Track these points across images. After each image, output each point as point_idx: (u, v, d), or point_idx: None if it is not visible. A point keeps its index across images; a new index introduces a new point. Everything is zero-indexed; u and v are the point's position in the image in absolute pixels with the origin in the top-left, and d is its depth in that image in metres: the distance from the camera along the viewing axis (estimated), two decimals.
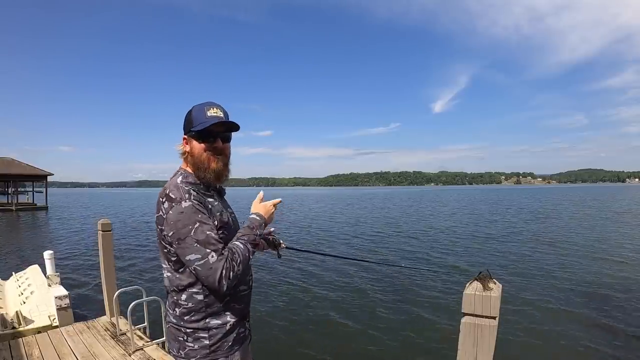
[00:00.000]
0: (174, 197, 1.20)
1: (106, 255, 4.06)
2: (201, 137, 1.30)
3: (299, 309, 5.99)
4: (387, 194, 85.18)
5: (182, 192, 1.22)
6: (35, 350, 3.25)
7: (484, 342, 1.32)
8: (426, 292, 6.76)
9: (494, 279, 1.41)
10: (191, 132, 1.30)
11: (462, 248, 11.29)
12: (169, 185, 1.26)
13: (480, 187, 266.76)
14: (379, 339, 4.84)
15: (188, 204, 1.19)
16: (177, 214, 1.18)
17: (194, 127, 1.29)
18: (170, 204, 1.20)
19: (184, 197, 1.20)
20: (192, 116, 1.30)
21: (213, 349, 1.27)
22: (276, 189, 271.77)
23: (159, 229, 1.24)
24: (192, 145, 1.31)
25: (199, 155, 1.30)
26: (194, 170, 1.32)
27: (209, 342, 1.27)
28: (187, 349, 1.27)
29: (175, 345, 1.30)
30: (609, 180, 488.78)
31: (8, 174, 29.53)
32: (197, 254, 1.15)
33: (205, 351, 1.26)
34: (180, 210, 1.18)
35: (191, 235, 1.16)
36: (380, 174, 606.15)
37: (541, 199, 44.96)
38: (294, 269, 8.58)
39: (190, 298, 1.26)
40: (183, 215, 1.17)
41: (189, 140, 1.32)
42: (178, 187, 1.24)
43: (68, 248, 11.91)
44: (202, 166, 1.30)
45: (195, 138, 1.30)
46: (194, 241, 1.16)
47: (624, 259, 9.28)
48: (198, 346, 1.26)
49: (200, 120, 1.28)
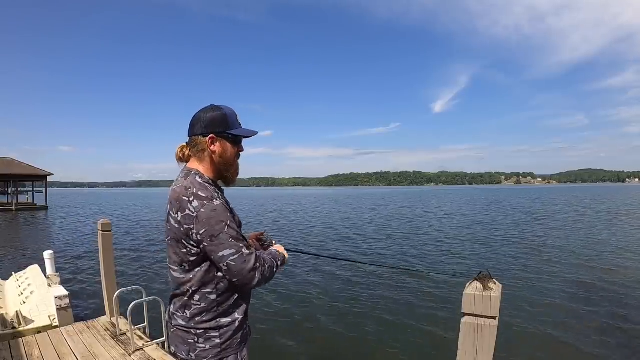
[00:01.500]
0: (205, 195, 1.21)
1: (106, 255, 4.06)
2: (236, 142, 1.35)
3: (296, 307, 5.99)
4: (386, 194, 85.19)
5: (211, 190, 1.25)
6: (35, 350, 3.25)
7: (484, 342, 1.32)
8: (426, 291, 6.76)
9: (494, 279, 1.41)
10: (227, 134, 1.31)
11: (462, 248, 11.29)
12: (191, 184, 1.24)
13: (480, 187, 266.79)
14: (378, 339, 4.84)
15: (219, 202, 1.22)
16: (210, 212, 1.19)
17: (231, 130, 1.32)
18: (202, 202, 1.20)
19: (214, 196, 1.23)
20: (228, 119, 1.31)
21: (224, 347, 1.29)
22: (276, 189, 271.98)
23: (184, 228, 1.21)
24: (224, 147, 1.32)
25: (231, 157, 1.34)
26: (218, 170, 1.35)
27: (220, 341, 1.28)
28: (198, 350, 1.27)
29: (185, 348, 1.29)
30: (609, 180, 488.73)
31: (8, 174, 29.53)
32: (232, 249, 1.19)
33: (217, 350, 1.28)
34: (213, 208, 1.20)
35: (225, 231, 1.19)
36: (380, 174, 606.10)
37: (541, 199, 44.96)
38: (290, 267, 8.58)
39: (203, 298, 1.27)
40: (216, 213, 1.20)
41: (221, 141, 1.31)
42: (205, 186, 1.25)
43: (68, 248, 11.91)
44: (230, 168, 1.36)
45: (229, 141, 1.33)
46: (228, 237, 1.19)
47: (624, 259, 9.28)
48: (209, 346, 1.27)
49: (236, 126, 1.34)
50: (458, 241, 12.57)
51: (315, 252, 10.59)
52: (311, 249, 11.33)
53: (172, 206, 1.25)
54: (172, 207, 1.25)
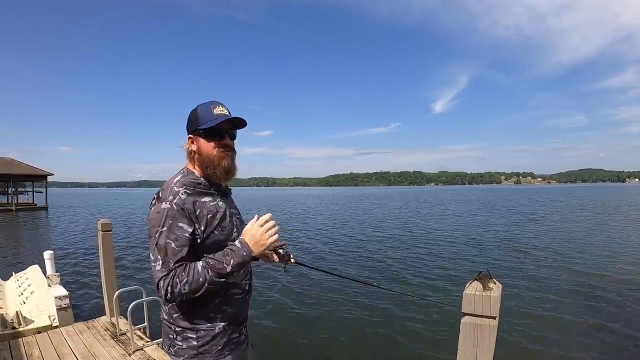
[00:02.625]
0: (160, 196, 1.23)
1: (106, 255, 4.06)
2: (209, 135, 1.29)
3: (296, 307, 5.99)
4: (386, 193, 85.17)
5: (169, 192, 1.21)
6: (35, 351, 3.25)
7: (484, 342, 1.32)
8: (426, 291, 6.76)
9: (494, 279, 1.41)
10: (198, 130, 1.28)
11: (462, 248, 11.29)
12: (165, 184, 1.28)
13: (480, 187, 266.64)
14: (377, 339, 4.84)
15: (167, 206, 1.18)
16: (154, 213, 1.20)
17: (201, 125, 1.27)
18: (154, 203, 1.23)
19: (167, 199, 1.20)
20: (198, 115, 1.29)
21: (201, 350, 1.26)
22: (276, 189, 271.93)
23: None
24: (199, 143, 1.30)
25: (208, 153, 1.29)
26: (203, 168, 1.31)
27: (196, 344, 1.25)
28: (176, 347, 1.27)
29: (167, 342, 1.31)
30: (609, 180, 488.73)
31: (8, 174, 29.53)
32: (152, 256, 1.19)
33: (193, 352, 1.25)
34: (158, 210, 1.20)
35: (155, 236, 1.18)
36: (380, 174, 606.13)
37: (541, 199, 44.96)
38: (291, 269, 8.59)
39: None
40: (157, 215, 1.19)
41: (196, 139, 1.30)
42: (169, 186, 1.24)
43: (68, 248, 11.90)
44: (211, 164, 1.29)
45: (202, 136, 1.29)
46: (154, 242, 1.18)
47: (624, 259, 9.27)
48: (186, 346, 1.26)
49: (207, 118, 1.27)
50: (458, 241, 12.57)
51: (326, 269, 10.60)
52: (310, 254, 11.34)
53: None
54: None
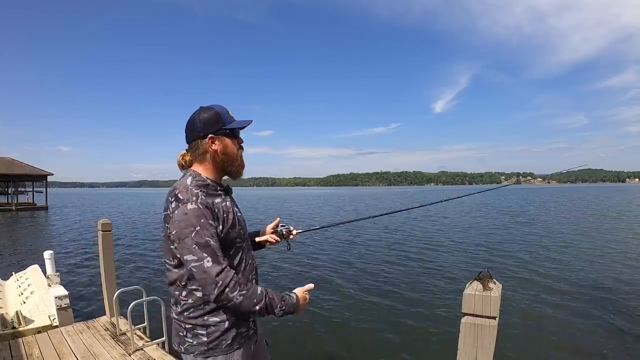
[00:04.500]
0: (182, 198, 1.23)
1: (106, 255, 4.06)
2: (234, 135, 1.37)
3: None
4: (386, 193, 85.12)
5: (190, 194, 1.24)
6: (35, 350, 3.25)
7: (483, 342, 1.32)
8: (426, 291, 6.76)
9: (494, 279, 1.41)
10: (224, 130, 1.33)
11: (462, 248, 11.29)
12: (179, 185, 1.29)
13: (479, 187, 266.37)
14: (377, 339, 4.83)
15: (194, 207, 1.21)
16: (182, 215, 1.21)
17: (226, 125, 1.33)
18: (177, 204, 1.23)
19: (190, 199, 1.23)
20: (222, 115, 1.33)
21: (211, 346, 1.29)
22: (276, 189, 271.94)
23: (165, 226, 1.27)
24: (224, 142, 1.34)
25: (234, 152, 1.36)
26: (221, 167, 1.37)
27: (206, 339, 1.29)
28: (187, 344, 1.31)
29: (177, 339, 1.35)
30: (609, 180, 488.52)
31: (8, 174, 29.52)
32: (194, 256, 1.18)
33: (203, 348, 1.29)
34: (185, 212, 1.21)
35: (191, 236, 1.19)
36: (380, 174, 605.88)
37: (541, 199, 44.95)
38: (291, 267, 8.59)
39: (190, 294, 1.29)
40: (186, 217, 1.20)
41: (220, 138, 1.33)
42: (187, 188, 1.26)
43: (68, 248, 11.91)
44: (235, 162, 1.37)
45: (228, 136, 1.35)
46: (193, 242, 1.18)
47: (625, 259, 9.27)
48: (196, 342, 1.29)
49: (230, 119, 1.35)
50: (458, 241, 12.57)
51: (325, 225, 10.59)
52: (310, 247, 11.33)
53: (165, 204, 1.30)
54: (165, 205, 1.30)
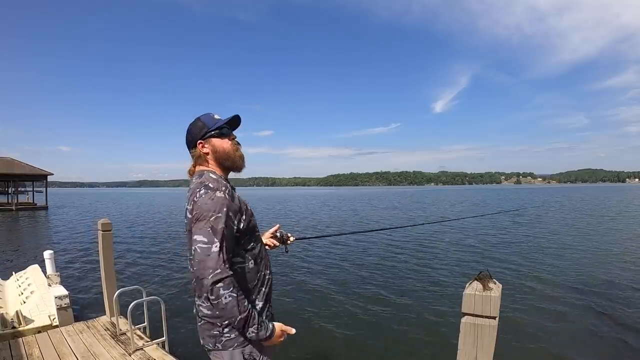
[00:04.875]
0: (212, 186, 1.29)
1: (106, 255, 4.06)
2: (222, 134, 1.42)
3: (294, 307, 5.99)
4: (386, 193, 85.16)
5: (220, 184, 1.31)
6: (35, 350, 3.25)
7: (483, 342, 1.32)
8: (426, 291, 6.76)
9: (494, 279, 1.41)
10: (209, 133, 1.41)
11: (462, 248, 11.29)
12: (205, 179, 1.33)
13: (479, 187, 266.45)
14: (377, 339, 4.83)
15: (222, 195, 1.27)
16: (207, 199, 1.25)
17: (211, 129, 1.41)
18: (206, 191, 1.27)
19: (220, 188, 1.29)
20: (204, 122, 1.42)
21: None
22: (276, 189, 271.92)
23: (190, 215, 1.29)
24: (213, 144, 1.41)
25: (224, 147, 1.42)
26: (220, 164, 1.43)
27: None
28: (224, 340, 1.33)
29: (211, 340, 1.36)
30: (609, 180, 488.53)
31: (8, 174, 29.52)
32: (205, 237, 1.20)
33: (242, 338, 1.33)
34: (212, 197, 1.25)
35: (208, 219, 1.21)
36: (380, 174, 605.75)
37: (541, 199, 44.95)
38: (285, 271, 8.59)
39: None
40: (212, 202, 1.24)
41: (207, 141, 1.42)
42: (216, 180, 1.33)
43: (68, 248, 11.90)
44: (230, 156, 1.42)
45: (214, 137, 1.41)
46: (208, 226, 1.21)
47: (625, 259, 9.27)
48: (234, 335, 1.33)
49: (213, 122, 1.42)
50: (457, 241, 12.56)
51: (324, 234, 10.59)
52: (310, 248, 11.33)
53: (187, 200, 1.33)
54: (187, 201, 1.33)
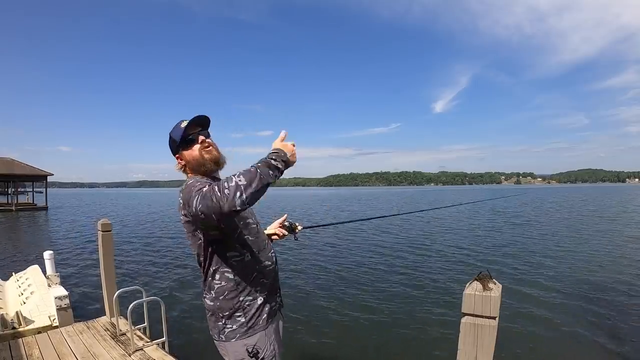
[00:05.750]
0: (189, 182, 1.34)
1: (106, 255, 4.06)
2: (187, 145, 1.45)
3: (290, 309, 5.99)
4: (386, 193, 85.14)
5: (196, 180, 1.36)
6: (35, 351, 3.25)
7: (483, 342, 1.32)
8: (426, 291, 6.76)
9: (493, 279, 1.41)
10: (178, 148, 1.47)
11: (462, 248, 11.29)
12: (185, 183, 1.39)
13: (479, 187, 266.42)
14: (377, 339, 4.83)
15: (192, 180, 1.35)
16: (187, 188, 1.30)
17: (178, 142, 1.45)
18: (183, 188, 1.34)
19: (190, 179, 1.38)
20: (172, 136, 1.47)
21: (250, 324, 1.39)
22: (276, 189, 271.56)
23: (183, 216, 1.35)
24: (183, 156, 1.47)
25: (193, 156, 1.45)
26: (197, 171, 1.47)
27: (245, 320, 1.38)
28: (227, 331, 1.39)
29: (216, 331, 1.42)
30: (609, 180, 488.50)
31: (8, 174, 29.52)
32: (195, 197, 1.17)
33: (243, 329, 1.38)
34: (188, 183, 1.32)
35: (194, 191, 1.21)
36: (380, 174, 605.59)
37: (541, 199, 44.96)
38: (288, 267, 8.59)
39: (223, 278, 1.38)
40: (189, 185, 1.29)
41: (180, 154, 1.48)
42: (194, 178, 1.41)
43: (68, 248, 11.90)
44: (200, 162, 1.45)
45: (183, 149, 1.46)
46: (196, 195, 1.17)
47: (625, 259, 9.28)
48: (236, 326, 1.38)
49: (179, 134, 1.45)
50: (457, 241, 12.57)
51: (330, 222, 10.60)
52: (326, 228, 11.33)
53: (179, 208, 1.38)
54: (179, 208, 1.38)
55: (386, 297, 6.48)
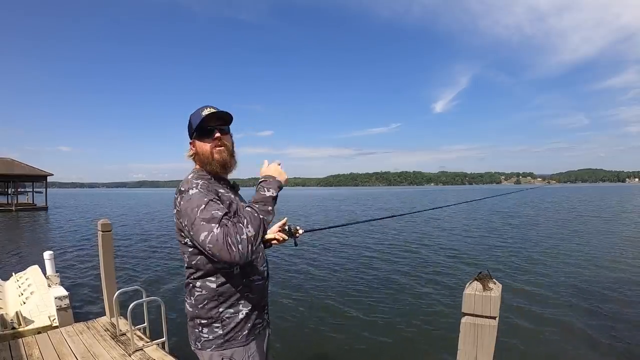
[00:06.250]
0: (184, 189, 1.29)
1: (106, 255, 4.06)
2: (202, 135, 1.41)
3: (292, 309, 5.99)
4: (386, 194, 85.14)
5: (191, 184, 1.30)
6: (35, 351, 3.25)
7: (483, 342, 1.32)
8: (426, 292, 6.76)
9: (493, 279, 1.41)
10: (193, 134, 1.43)
11: (462, 248, 11.29)
12: (183, 181, 1.36)
13: (479, 187, 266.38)
14: (377, 339, 4.83)
15: (195, 191, 1.26)
16: (186, 203, 1.25)
17: (194, 129, 1.41)
18: (182, 196, 1.28)
19: (191, 187, 1.28)
20: (191, 121, 1.43)
21: (227, 338, 1.32)
22: None
23: (178, 222, 1.31)
24: (196, 145, 1.43)
25: (204, 150, 1.41)
26: (202, 166, 1.43)
27: (222, 332, 1.32)
28: (203, 339, 1.33)
29: (192, 338, 1.37)
30: (609, 180, 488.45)
31: (8, 175, 29.53)
32: (205, 232, 1.16)
33: (220, 341, 1.32)
34: (189, 198, 1.25)
35: (198, 216, 1.19)
36: (380, 174, 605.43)
37: (541, 199, 44.95)
38: (289, 268, 8.59)
39: (204, 287, 1.32)
40: (191, 202, 1.24)
41: (194, 142, 1.44)
42: (188, 180, 1.33)
43: (68, 248, 11.90)
44: (207, 160, 1.40)
45: (197, 138, 1.42)
46: (201, 220, 1.19)
47: (625, 259, 9.27)
48: (212, 336, 1.32)
49: (196, 120, 1.40)
50: (457, 241, 12.57)
51: (331, 225, 10.59)
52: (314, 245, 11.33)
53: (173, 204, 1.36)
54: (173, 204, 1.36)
55: (386, 297, 6.48)
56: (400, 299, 6.38)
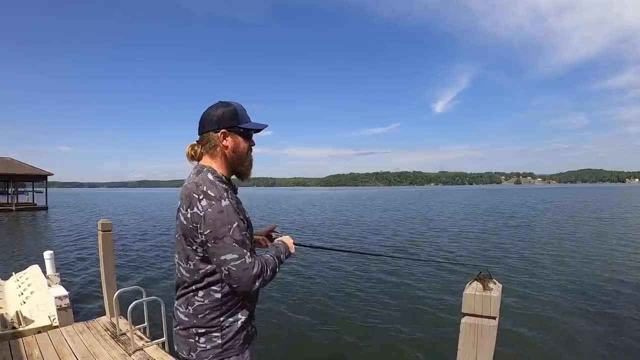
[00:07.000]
0: (213, 194, 1.18)
1: (106, 255, 4.06)
2: (247, 136, 1.35)
3: (292, 307, 5.99)
4: (386, 194, 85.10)
5: (221, 190, 1.20)
6: (35, 351, 3.25)
7: (484, 342, 1.32)
8: (426, 292, 6.76)
9: (494, 279, 1.40)
10: (238, 128, 1.31)
11: (462, 248, 11.29)
12: (202, 181, 1.22)
13: (479, 187, 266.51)
14: (378, 339, 4.83)
15: (227, 203, 1.18)
16: (217, 213, 1.16)
17: (242, 124, 1.32)
18: (210, 202, 1.17)
19: (223, 196, 1.19)
20: (238, 113, 1.31)
21: (225, 347, 1.27)
22: (276, 189, 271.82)
23: (192, 226, 1.20)
24: (236, 140, 1.32)
25: (243, 152, 1.34)
26: (229, 164, 1.34)
27: (221, 341, 1.26)
28: (199, 349, 1.25)
29: (186, 347, 1.28)
30: (609, 180, 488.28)
31: (8, 174, 29.52)
32: (234, 254, 1.15)
33: (218, 350, 1.26)
34: (220, 209, 1.16)
35: (229, 234, 1.15)
36: (380, 174, 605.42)
37: (541, 199, 44.94)
38: (290, 267, 8.59)
39: (207, 296, 1.25)
40: (223, 215, 1.16)
41: (232, 135, 1.31)
42: (215, 184, 1.21)
43: (68, 248, 11.91)
44: (242, 162, 1.35)
45: (241, 135, 1.33)
46: (232, 241, 1.15)
47: (625, 259, 9.28)
48: (210, 346, 1.25)
49: (246, 119, 1.34)
50: (457, 241, 12.57)
51: (322, 245, 10.60)
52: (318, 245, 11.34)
53: (182, 202, 1.23)
54: (182, 203, 1.23)
55: (385, 298, 6.48)
56: (400, 299, 6.38)
